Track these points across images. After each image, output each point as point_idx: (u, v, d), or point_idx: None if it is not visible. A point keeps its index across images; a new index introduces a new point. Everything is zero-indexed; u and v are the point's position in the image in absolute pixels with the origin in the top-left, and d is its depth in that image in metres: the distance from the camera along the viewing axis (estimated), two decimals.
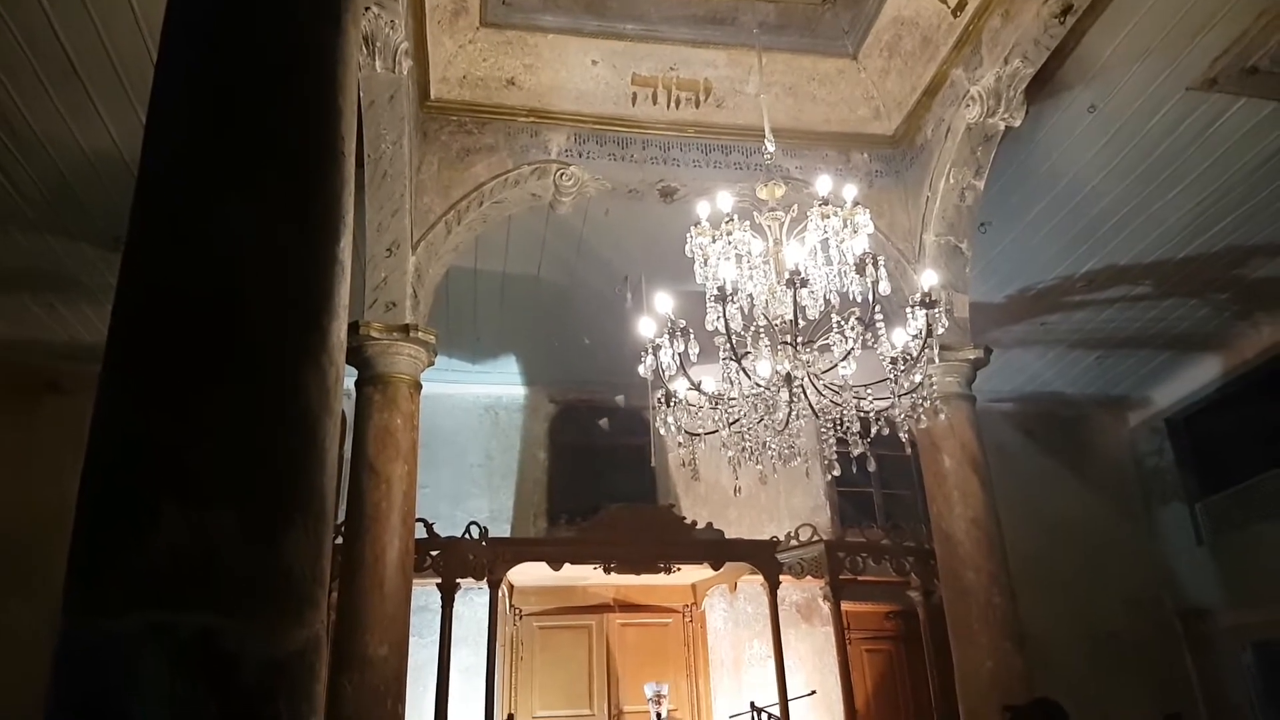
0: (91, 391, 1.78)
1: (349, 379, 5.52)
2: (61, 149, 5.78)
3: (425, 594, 7.24)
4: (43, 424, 8.26)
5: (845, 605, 8.21)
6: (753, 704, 8.06)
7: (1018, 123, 5.97)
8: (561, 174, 6.29)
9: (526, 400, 10.12)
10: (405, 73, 5.24)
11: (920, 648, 8.42)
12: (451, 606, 7.39)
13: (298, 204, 1.95)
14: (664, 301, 4.39)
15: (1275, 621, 9.31)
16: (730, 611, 9.49)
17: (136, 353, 1.73)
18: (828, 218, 4.25)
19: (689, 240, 4.49)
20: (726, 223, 4.41)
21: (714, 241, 4.43)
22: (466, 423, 9.80)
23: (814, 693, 8.48)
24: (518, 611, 8.95)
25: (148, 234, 1.86)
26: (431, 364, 6.31)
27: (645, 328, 4.52)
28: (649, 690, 8.07)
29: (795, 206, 4.57)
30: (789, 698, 7.79)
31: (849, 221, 4.25)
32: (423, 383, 6.24)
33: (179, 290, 1.76)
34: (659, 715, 7.97)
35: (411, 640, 5.79)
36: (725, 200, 4.47)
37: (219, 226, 1.82)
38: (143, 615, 1.48)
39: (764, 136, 4.89)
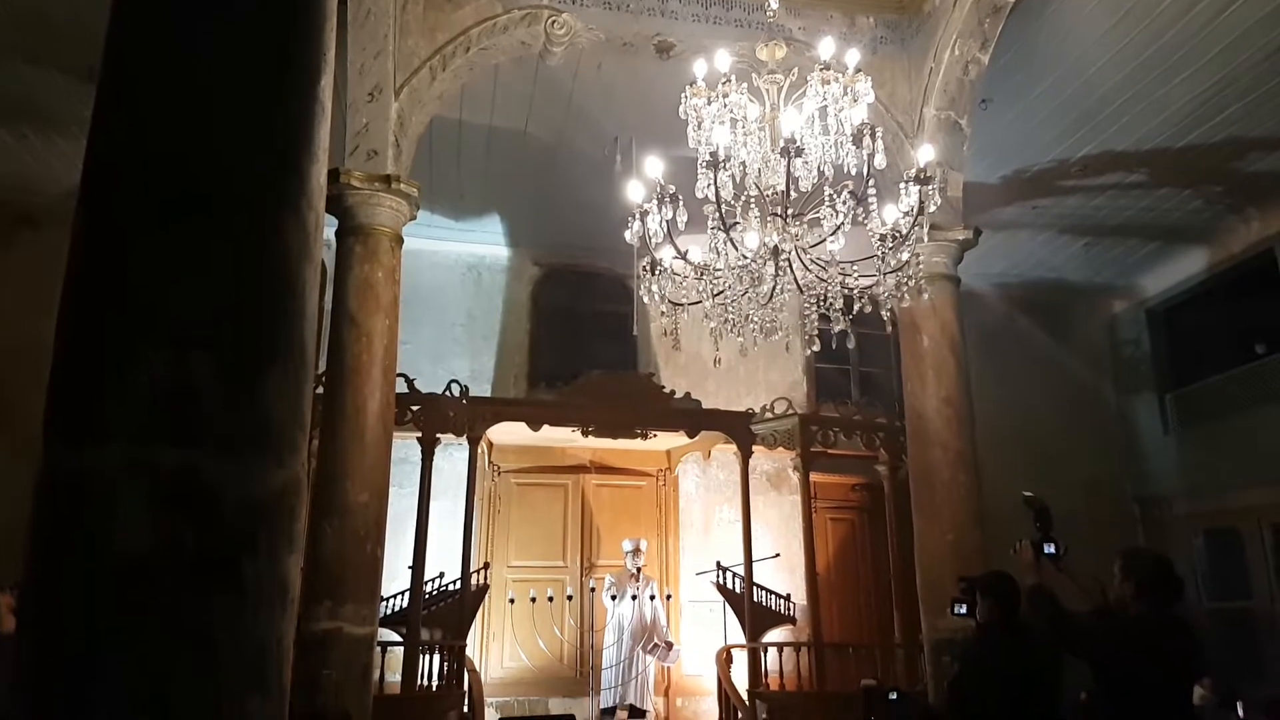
0: (67, 227, 1.74)
1: (329, 229, 5.43)
2: None
3: (405, 447, 7.36)
4: (17, 258, 8.12)
5: (814, 476, 8.44)
6: (719, 563, 8.39)
7: None
8: (553, 21, 6.02)
9: (510, 262, 10.03)
10: None
11: (883, 519, 8.73)
12: (431, 460, 7.53)
13: (276, 38, 1.86)
14: (654, 166, 4.29)
15: (1227, 510, 9.69)
16: (703, 478, 9.73)
17: (112, 191, 1.69)
18: (828, 84, 4.11)
19: (683, 101, 4.35)
20: (723, 84, 4.27)
21: (709, 104, 4.29)
22: (449, 281, 9.73)
23: (778, 555, 8.81)
24: (496, 468, 9.15)
25: (121, 68, 1.77)
26: (414, 218, 6.21)
27: (633, 192, 4.43)
28: (627, 544, 8.36)
29: (795, 70, 4.42)
30: (754, 559, 8.11)
31: (849, 89, 4.12)
32: (405, 237, 6.15)
33: (154, 127, 1.69)
34: (637, 568, 8.28)
35: (391, 490, 5.94)
36: (723, 60, 4.31)
37: (194, 60, 1.73)
38: (122, 450, 1.48)
39: None
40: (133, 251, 1.62)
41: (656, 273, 4.49)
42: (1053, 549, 3.79)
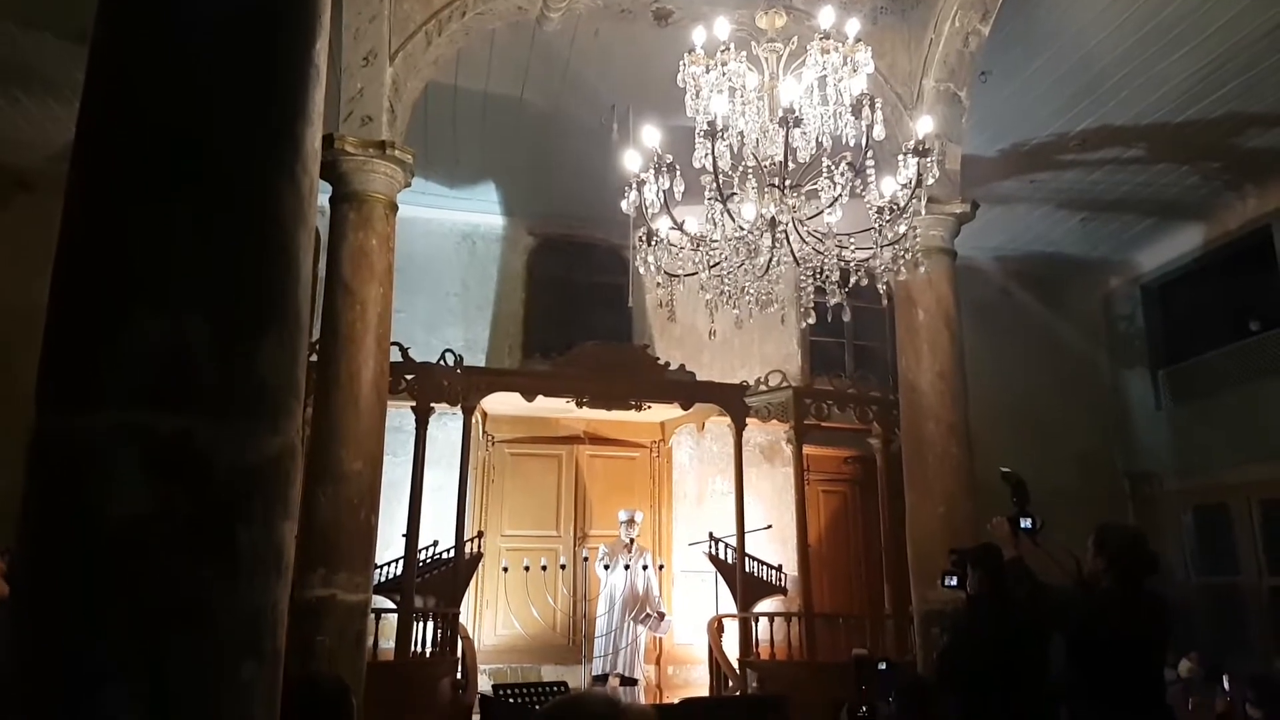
0: (61, 190, 1.73)
1: (323, 196, 5.39)
2: None
3: (400, 416, 7.36)
4: (10, 221, 8.06)
5: (807, 449, 8.48)
6: (711, 534, 8.44)
7: None
8: None
9: (505, 231, 9.98)
10: None
11: (875, 492, 8.78)
12: (425, 429, 7.54)
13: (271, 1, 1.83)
14: (651, 135, 4.25)
15: (1217, 487, 9.77)
16: (696, 449, 9.77)
17: (105, 155, 1.67)
18: (827, 53, 4.07)
19: (681, 69, 4.30)
20: (722, 52, 4.22)
21: (707, 72, 4.25)
22: (443, 250, 9.69)
23: (770, 526, 8.87)
24: (490, 438, 9.16)
25: (113, 31, 1.75)
26: (408, 185, 6.16)
27: (630, 161, 4.40)
28: (623, 514, 8.41)
29: (795, 39, 4.38)
30: (746, 530, 8.16)
31: (849, 59, 4.08)
32: (399, 204, 6.11)
33: (146, 90, 1.67)
34: (630, 539, 8.33)
35: (386, 458, 5.94)
36: (722, 27, 4.26)
37: (187, 22, 1.70)
38: (115, 414, 1.47)
39: None
40: (125, 216, 1.60)
41: (653, 243, 4.47)
42: (1029, 523, 3.83)
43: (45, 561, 1.49)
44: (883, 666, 4.37)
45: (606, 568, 8.14)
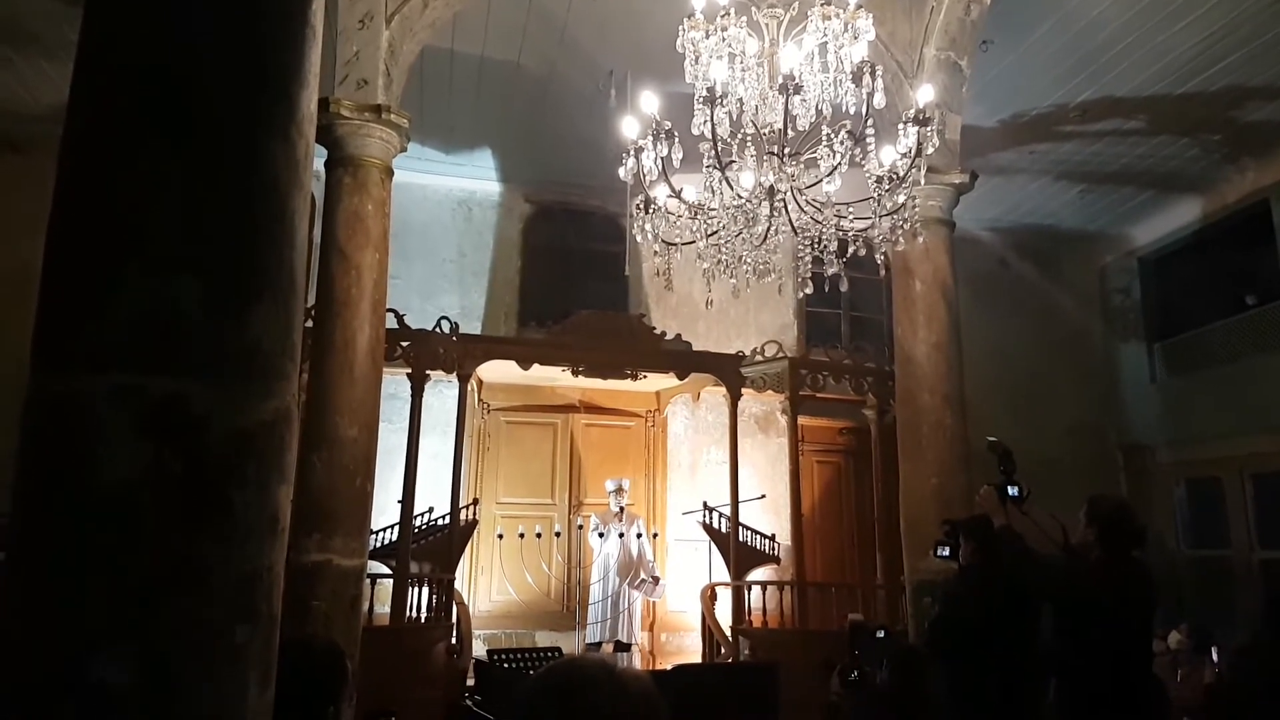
0: (51, 152, 1.71)
1: (317, 160, 5.34)
2: None
3: (395, 383, 7.35)
4: (1, 184, 7.98)
5: (802, 419, 8.49)
6: (705, 503, 8.49)
7: None
8: None
9: (501, 198, 9.92)
10: None
11: (869, 462, 8.82)
12: (421, 396, 7.53)
13: None
14: (649, 101, 4.21)
15: (1209, 460, 9.83)
16: (691, 419, 9.79)
17: (98, 115, 1.64)
18: (828, 19, 4.02)
19: (680, 35, 4.25)
20: (722, 17, 4.17)
21: (707, 38, 4.20)
22: (439, 216, 9.63)
23: (764, 496, 8.92)
24: (486, 406, 9.17)
25: None
26: (404, 150, 6.11)
27: (628, 128, 4.36)
28: (610, 484, 8.44)
29: (796, 5, 4.32)
30: (740, 500, 8.20)
31: (850, 26, 4.03)
32: (395, 169, 6.06)
33: (139, 48, 1.64)
34: (620, 507, 8.37)
35: (381, 425, 5.94)
36: None
37: None
38: (109, 377, 1.46)
39: None
40: (119, 177, 1.58)
41: (650, 211, 4.44)
42: (1015, 491, 3.88)
43: (39, 524, 1.49)
44: (880, 634, 4.41)
45: (601, 536, 8.18)
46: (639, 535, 8.30)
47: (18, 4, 6.46)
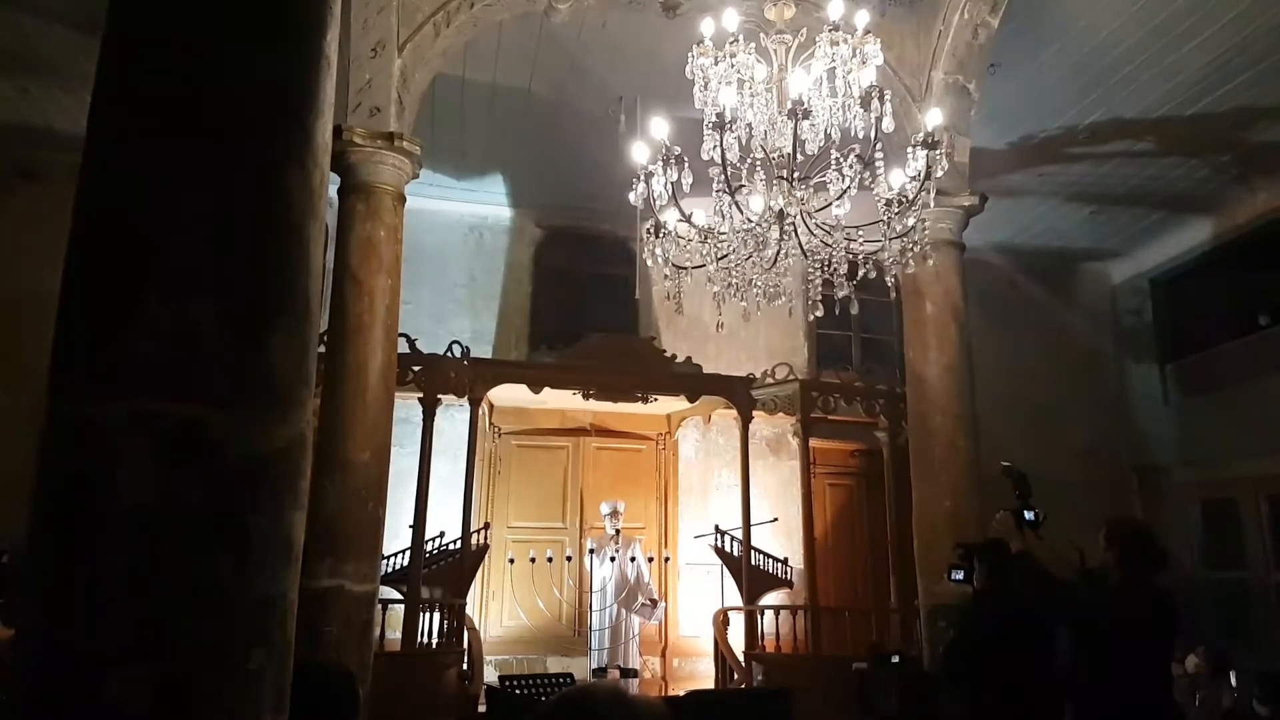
0: (67, 180, 1.74)
1: (331, 187, 5.39)
2: None
3: (407, 407, 7.37)
4: (20, 212, 8.08)
5: (813, 442, 8.47)
6: (717, 527, 8.45)
7: None
8: None
9: (512, 223, 9.98)
10: None
11: (881, 485, 8.76)
12: (432, 420, 7.55)
13: None
14: (659, 127, 4.24)
15: (1224, 481, 9.73)
16: (702, 442, 9.76)
17: (116, 143, 1.67)
18: (836, 45, 4.05)
19: (689, 61, 4.29)
20: (730, 44, 4.21)
21: (716, 64, 4.23)
22: (450, 241, 9.69)
23: (775, 519, 8.87)
24: (497, 429, 9.17)
25: (126, 15, 1.75)
26: (416, 176, 6.17)
27: (638, 153, 4.39)
28: (604, 507, 8.37)
29: (804, 31, 4.36)
30: (752, 523, 8.16)
31: (858, 51, 4.06)
32: (407, 196, 6.11)
33: (157, 77, 1.67)
34: (616, 530, 8.32)
35: (393, 450, 5.95)
36: (731, 19, 4.25)
37: (200, 16, 1.70)
38: (127, 402, 1.48)
39: None
40: (137, 203, 1.61)
41: (660, 235, 4.47)
42: (1031, 516, 3.87)
43: (56, 549, 1.50)
44: (895, 659, 4.38)
45: (610, 558, 8.12)
46: (633, 559, 8.21)
47: (35, 34, 6.58)
